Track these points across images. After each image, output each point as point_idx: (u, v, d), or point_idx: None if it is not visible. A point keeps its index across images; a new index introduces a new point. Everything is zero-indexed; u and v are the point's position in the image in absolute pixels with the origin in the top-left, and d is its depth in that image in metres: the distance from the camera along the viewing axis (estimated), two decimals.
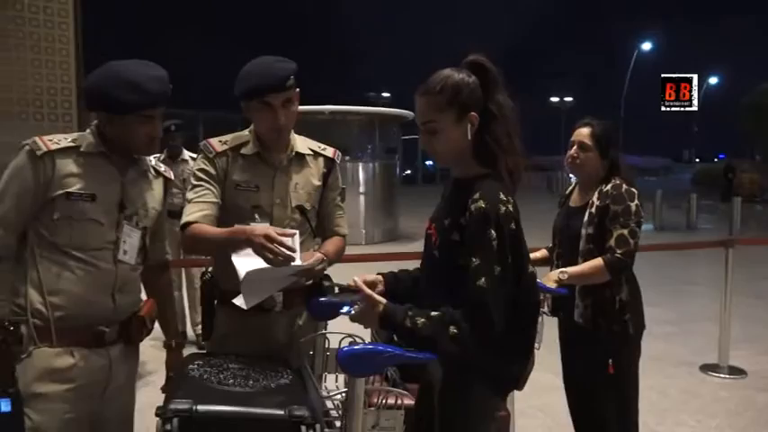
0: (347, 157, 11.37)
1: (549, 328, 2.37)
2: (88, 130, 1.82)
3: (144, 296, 1.98)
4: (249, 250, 1.70)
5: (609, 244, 2.25)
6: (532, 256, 2.55)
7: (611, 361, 2.29)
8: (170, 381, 1.92)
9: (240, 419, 1.43)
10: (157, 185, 1.96)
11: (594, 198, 2.35)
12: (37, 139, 1.74)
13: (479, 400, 1.60)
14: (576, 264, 2.34)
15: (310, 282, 1.93)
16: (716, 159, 48.04)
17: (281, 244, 1.67)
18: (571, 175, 2.63)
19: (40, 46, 4.62)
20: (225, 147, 1.99)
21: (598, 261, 2.25)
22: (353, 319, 1.53)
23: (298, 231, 1.82)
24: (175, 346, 2.06)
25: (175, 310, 2.13)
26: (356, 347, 1.42)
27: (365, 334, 1.48)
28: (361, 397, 1.43)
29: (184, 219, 1.91)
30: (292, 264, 1.69)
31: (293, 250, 1.69)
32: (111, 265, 1.77)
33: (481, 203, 1.48)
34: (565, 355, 2.52)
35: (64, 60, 4.73)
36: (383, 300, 1.51)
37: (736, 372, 4.37)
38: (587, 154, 2.39)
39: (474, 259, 1.46)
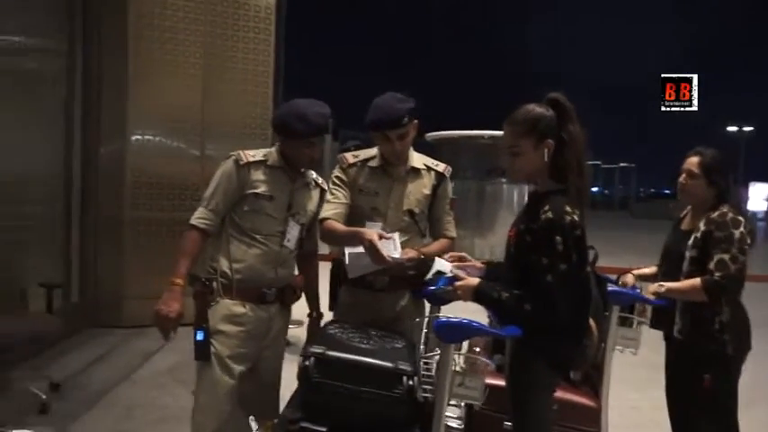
0: (503, 180, 11.48)
1: None
2: (273, 149, 2.37)
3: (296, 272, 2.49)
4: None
5: (709, 267, 2.30)
6: (643, 271, 2.67)
7: (707, 376, 2.33)
8: (310, 339, 2.40)
9: (358, 365, 1.81)
10: (315, 194, 2.45)
11: (701, 224, 2.40)
12: (240, 152, 2.31)
13: (539, 374, 1.85)
14: None
15: (412, 272, 2.23)
16: None
17: (378, 250, 2.02)
18: None
19: (247, 80, 5.51)
20: (356, 159, 2.41)
21: (696, 281, 2.31)
22: (452, 293, 1.89)
23: (398, 233, 2.18)
24: (316, 315, 2.52)
25: (318, 289, 2.59)
26: (450, 320, 1.73)
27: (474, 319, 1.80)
28: (451, 359, 1.73)
29: (321, 215, 2.35)
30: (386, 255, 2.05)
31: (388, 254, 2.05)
32: (277, 247, 2.29)
33: (549, 214, 1.74)
34: (667, 368, 2.57)
35: (264, 92, 5.59)
36: (477, 279, 1.87)
37: None
38: (694, 181, 2.45)
39: (544, 259, 1.72)
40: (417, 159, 2.44)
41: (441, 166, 2.46)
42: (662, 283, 2.40)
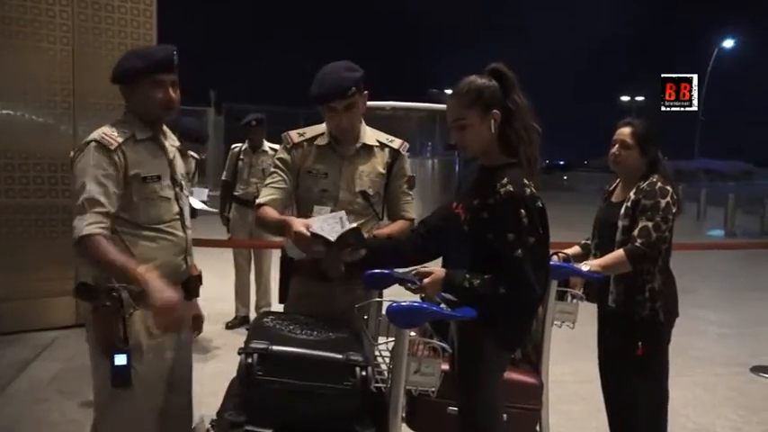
0: (408, 153, 11.68)
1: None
2: (129, 121, 2.04)
3: None
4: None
5: (633, 234, 2.47)
6: (567, 252, 2.81)
7: (640, 343, 2.51)
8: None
9: (306, 359, 1.76)
10: (178, 155, 2.20)
11: (632, 193, 2.56)
12: (103, 135, 1.95)
13: (491, 356, 1.92)
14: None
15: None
16: None
17: (305, 239, 1.98)
18: None
19: (126, 48, 5.16)
20: (301, 138, 2.33)
21: (620, 252, 2.47)
22: (421, 288, 1.87)
23: (344, 211, 2.10)
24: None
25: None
26: (404, 304, 1.73)
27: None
28: (406, 345, 1.74)
29: (258, 200, 2.29)
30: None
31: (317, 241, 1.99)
32: (181, 232, 2.10)
33: (510, 188, 1.78)
34: (600, 336, 2.75)
35: None
36: (443, 271, 1.87)
37: None
38: (628, 152, 2.60)
39: (509, 235, 1.76)
40: (370, 135, 2.38)
41: (396, 143, 2.42)
42: (586, 262, 2.55)
